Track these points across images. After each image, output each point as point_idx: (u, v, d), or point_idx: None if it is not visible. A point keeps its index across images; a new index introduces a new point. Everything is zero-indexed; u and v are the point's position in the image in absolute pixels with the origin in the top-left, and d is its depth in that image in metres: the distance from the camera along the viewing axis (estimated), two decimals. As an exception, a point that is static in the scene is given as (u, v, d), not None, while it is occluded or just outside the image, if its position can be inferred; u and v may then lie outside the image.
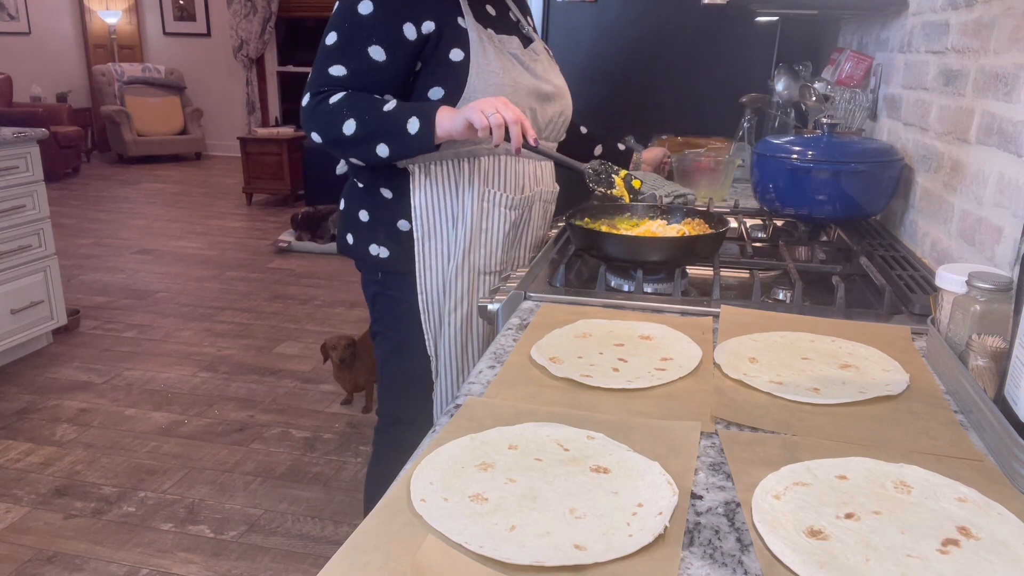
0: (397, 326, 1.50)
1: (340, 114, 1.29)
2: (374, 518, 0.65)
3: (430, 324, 1.46)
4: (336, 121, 1.29)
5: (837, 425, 0.82)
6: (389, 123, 1.28)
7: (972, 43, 1.30)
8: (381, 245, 1.45)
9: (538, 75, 1.44)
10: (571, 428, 0.79)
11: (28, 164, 3.18)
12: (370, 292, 1.53)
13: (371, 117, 1.29)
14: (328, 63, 1.31)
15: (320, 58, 1.32)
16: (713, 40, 2.60)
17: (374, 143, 1.29)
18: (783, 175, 1.54)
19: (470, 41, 1.34)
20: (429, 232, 1.42)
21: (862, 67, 1.90)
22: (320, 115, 1.30)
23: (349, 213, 1.50)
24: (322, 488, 2.43)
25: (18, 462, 2.55)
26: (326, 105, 1.30)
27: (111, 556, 2.09)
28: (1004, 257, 1.11)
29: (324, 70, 1.31)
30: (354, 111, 1.29)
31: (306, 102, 1.32)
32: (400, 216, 1.42)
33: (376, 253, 1.45)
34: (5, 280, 3.11)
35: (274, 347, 3.52)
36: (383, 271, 1.47)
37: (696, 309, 1.16)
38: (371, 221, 1.45)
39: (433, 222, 1.41)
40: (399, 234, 1.43)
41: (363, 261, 1.49)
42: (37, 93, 7.71)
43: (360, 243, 1.47)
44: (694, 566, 0.60)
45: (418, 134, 1.28)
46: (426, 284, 1.44)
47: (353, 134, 1.29)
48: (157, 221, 5.85)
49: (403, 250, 1.43)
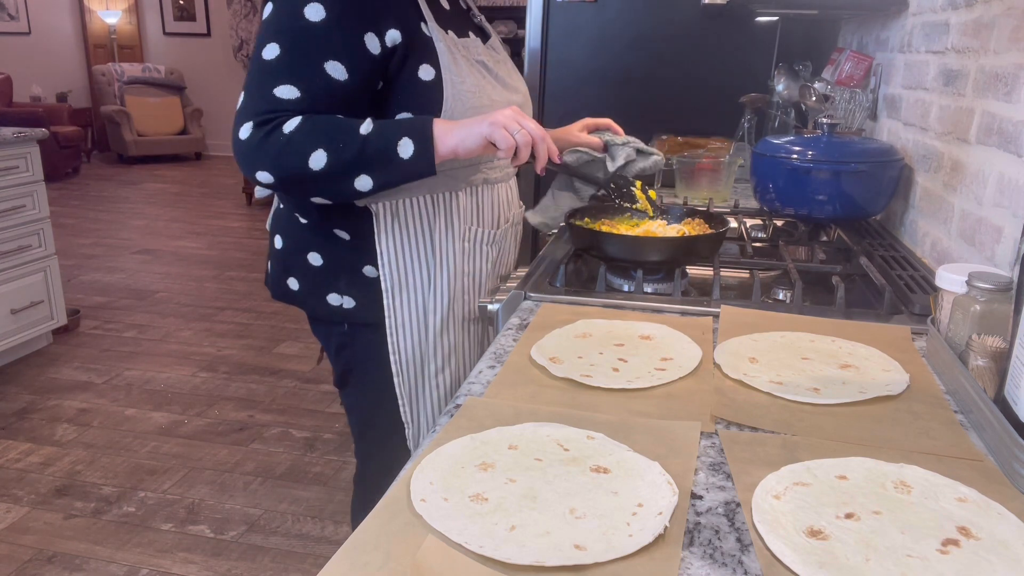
0: (371, 380, 1.27)
1: (302, 144, 1.03)
2: (374, 518, 0.65)
3: (405, 388, 1.24)
4: (297, 154, 1.03)
5: (837, 425, 0.82)
6: (371, 149, 1.05)
7: (972, 43, 1.30)
8: (344, 294, 1.22)
9: (507, 84, 1.27)
10: (571, 428, 0.79)
11: (28, 164, 3.18)
12: (332, 343, 1.29)
13: (347, 145, 1.04)
14: (272, 82, 1.04)
15: (259, 75, 1.05)
16: (713, 40, 2.60)
17: (352, 176, 1.06)
18: (783, 175, 1.54)
19: (439, 54, 1.13)
20: (400, 284, 1.20)
21: (862, 67, 1.90)
22: (272, 148, 1.03)
23: (291, 253, 1.25)
24: (322, 488, 2.43)
25: (18, 462, 2.55)
26: (279, 135, 1.03)
27: (111, 556, 2.09)
28: (1004, 257, 1.11)
29: (267, 91, 1.04)
30: (323, 139, 1.04)
31: (247, 133, 1.04)
32: (364, 261, 1.20)
33: (338, 303, 1.22)
34: (5, 280, 3.11)
35: (274, 347, 3.52)
36: (350, 323, 1.24)
37: (696, 309, 1.16)
38: (326, 266, 1.22)
39: (404, 271, 1.19)
40: (364, 281, 1.21)
41: (319, 311, 1.25)
42: (37, 93, 7.72)
43: (312, 291, 1.24)
44: (694, 566, 0.60)
45: (413, 158, 1.06)
46: (400, 344, 1.22)
47: (323, 168, 1.04)
48: (157, 221, 5.85)
49: (372, 299, 1.21)
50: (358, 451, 1.42)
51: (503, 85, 1.26)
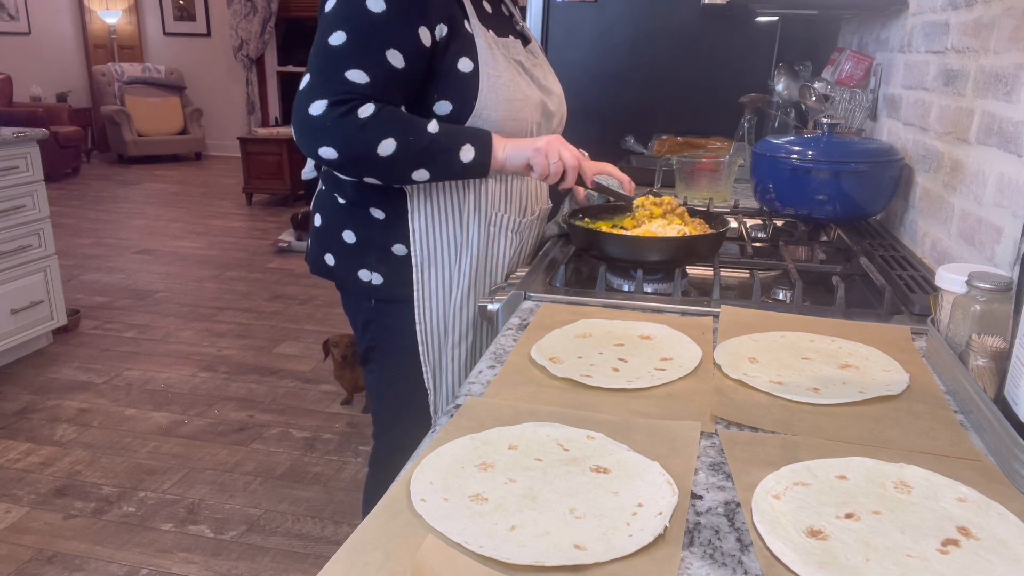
0: (393, 354, 1.37)
1: (376, 131, 1.13)
2: (374, 518, 0.65)
3: (429, 357, 1.35)
4: (369, 138, 1.13)
5: (837, 425, 0.82)
6: (437, 148, 1.17)
7: (972, 43, 1.30)
8: (373, 271, 1.31)
9: (542, 85, 1.36)
10: (571, 428, 0.79)
11: (28, 164, 3.18)
12: (360, 318, 1.39)
13: (416, 139, 1.15)
14: (343, 66, 1.13)
15: (328, 59, 1.14)
16: (713, 40, 2.60)
17: (413, 167, 1.17)
18: (783, 175, 1.54)
19: (478, 49, 1.22)
20: (429, 259, 1.29)
21: (862, 67, 1.90)
22: (345, 128, 1.13)
23: (328, 231, 1.35)
24: (322, 488, 2.43)
25: (18, 462, 2.55)
26: (355, 118, 1.13)
27: (111, 556, 2.09)
28: (1004, 257, 1.11)
29: (339, 74, 1.13)
30: (396, 129, 1.14)
31: (320, 110, 1.13)
32: (395, 240, 1.29)
33: (367, 279, 1.32)
34: (5, 280, 3.11)
35: (274, 347, 3.52)
36: (377, 298, 1.34)
37: (696, 309, 1.16)
38: (359, 243, 1.31)
39: (434, 248, 1.29)
40: (394, 259, 1.30)
41: (350, 286, 1.36)
42: (37, 93, 7.72)
43: (345, 266, 1.34)
44: (694, 566, 0.60)
45: (473, 163, 1.19)
46: (426, 315, 1.32)
47: (390, 155, 1.15)
48: (157, 221, 5.85)
49: (399, 276, 1.30)
50: (377, 431, 1.50)
51: (538, 84, 1.35)
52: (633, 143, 2.48)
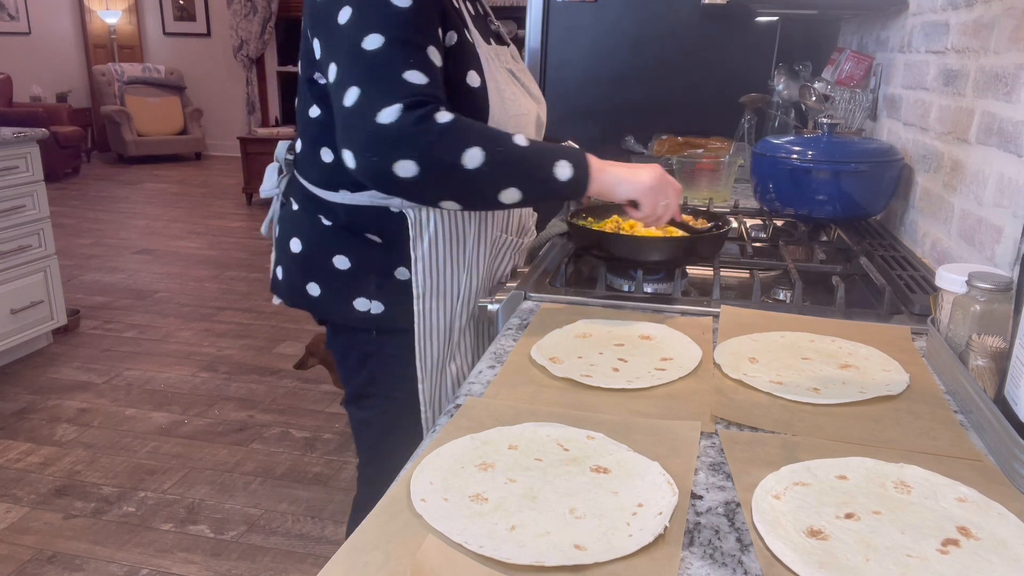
0: (395, 388, 1.22)
1: (459, 139, 0.96)
2: (374, 518, 0.65)
3: (427, 395, 1.21)
4: (452, 147, 0.96)
5: (837, 425, 0.82)
6: (529, 163, 1.01)
7: (972, 43, 1.30)
8: (373, 299, 1.16)
9: (533, 94, 1.25)
10: (571, 428, 0.79)
11: (28, 164, 3.18)
12: (355, 353, 1.22)
13: (504, 149, 0.99)
14: (396, 67, 0.96)
15: (374, 63, 0.96)
16: (713, 40, 2.60)
17: (502, 184, 1.00)
18: (783, 175, 1.54)
19: (481, 61, 1.10)
20: (433, 288, 1.16)
21: (862, 67, 1.90)
22: (425, 136, 0.94)
23: (312, 257, 1.17)
24: (322, 488, 2.43)
25: (18, 462, 2.55)
26: (433, 124, 0.95)
27: (111, 556, 2.09)
28: (1004, 257, 1.11)
29: (396, 76, 0.95)
30: (480, 138, 0.98)
31: (393, 117, 0.93)
32: (398, 263, 1.15)
33: (366, 309, 1.16)
34: (5, 280, 3.11)
35: (274, 347, 3.52)
36: (378, 329, 1.18)
37: (696, 309, 1.16)
38: (356, 269, 1.16)
39: (437, 276, 1.16)
40: (396, 284, 1.16)
41: (342, 318, 1.19)
42: (37, 93, 7.71)
43: (336, 296, 1.17)
44: (694, 566, 0.60)
45: (571, 182, 1.04)
46: (427, 349, 1.18)
47: (477, 168, 0.97)
48: (157, 221, 5.85)
49: (401, 302, 1.16)
50: (364, 475, 1.35)
51: (531, 95, 1.23)
52: (633, 143, 2.48)
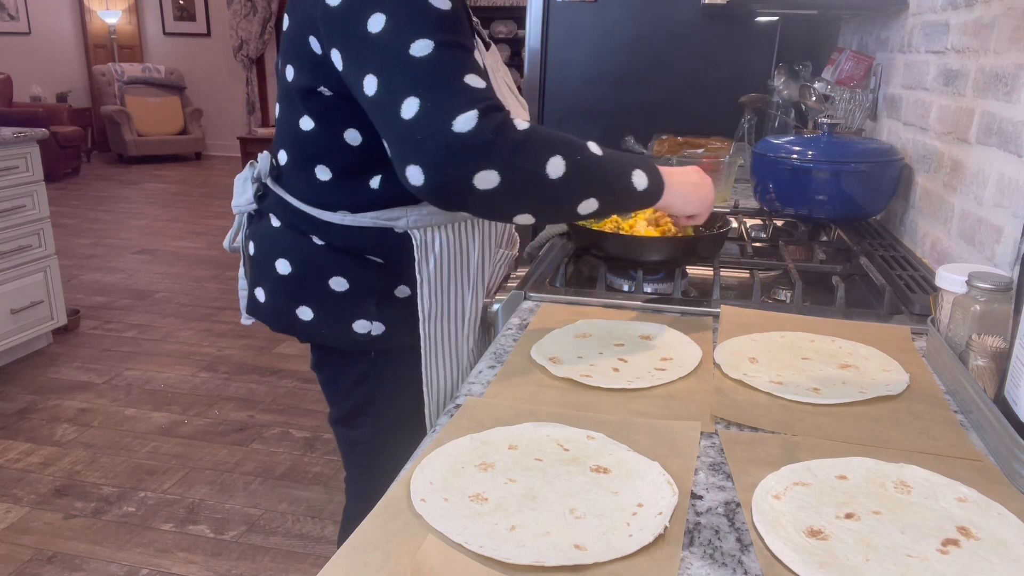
0: (390, 407, 1.18)
1: (540, 146, 0.89)
2: (374, 518, 0.65)
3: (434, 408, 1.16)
4: (535, 155, 0.88)
5: (837, 425, 0.82)
6: (608, 172, 0.96)
7: (972, 43, 1.30)
8: (374, 320, 1.11)
9: (519, 98, 1.21)
10: (571, 428, 0.79)
11: (28, 164, 3.18)
12: (351, 374, 1.17)
13: (584, 159, 0.93)
14: (455, 73, 0.87)
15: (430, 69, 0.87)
16: (713, 40, 2.61)
17: (584, 194, 0.94)
18: (783, 175, 1.54)
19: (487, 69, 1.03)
20: (439, 309, 1.11)
21: (862, 67, 1.90)
22: (507, 144, 0.86)
23: (303, 280, 1.11)
24: (322, 488, 2.43)
25: (18, 462, 2.55)
26: (513, 131, 0.87)
27: (111, 556, 2.09)
28: (1004, 257, 1.11)
29: (459, 82, 0.87)
30: (559, 146, 0.91)
31: (471, 124, 0.84)
32: (397, 282, 1.11)
33: (366, 331, 1.11)
34: (5, 280, 3.11)
35: (274, 347, 3.52)
36: (377, 350, 1.14)
37: (696, 309, 1.16)
38: (354, 291, 1.10)
39: (443, 297, 1.12)
40: (396, 303, 1.11)
41: (337, 341, 1.14)
42: (37, 93, 7.71)
43: (333, 320, 1.11)
44: (694, 566, 0.60)
45: (647, 192, 1.00)
46: (434, 372, 1.14)
47: (560, 177, 0.90)
48: (157, 221, 5.85)
49: (401, 321, 1.11)
50: (355, 491, 1.31)
51: (515, 95, 1.20)
52: (633, 143, 2.48)
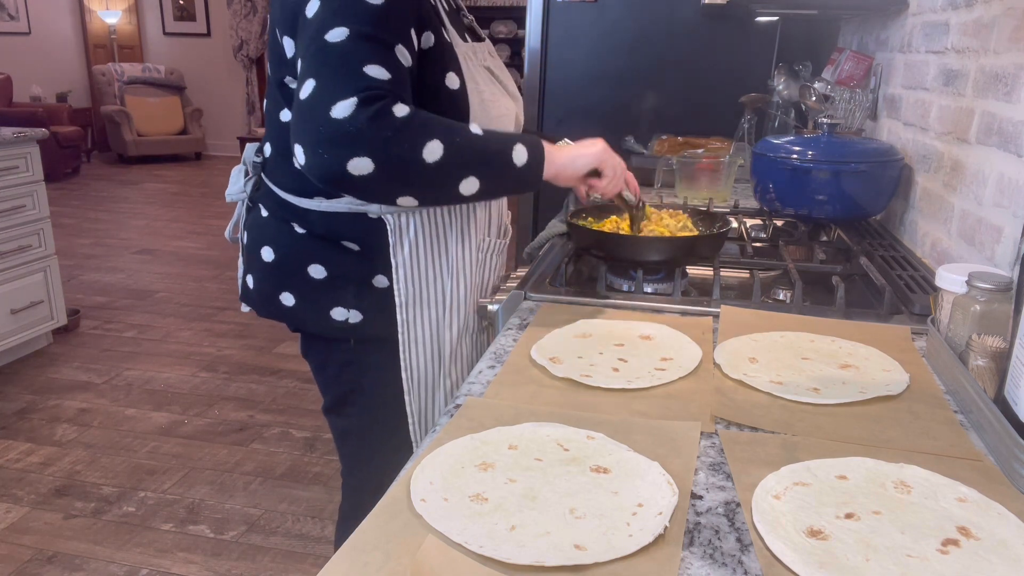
0: (376, 398, 1.20)
1: (417, 133, 0.92)
2: (374, 518, 0.65)
3: (416, 406, 1.18)
4: (411, 142, 0.92)
5: (837, 425, 0.82)
6: (488, 151, 0.99)
7: (972, 43, 1.30)
8: (351, 308, 1.12)
9: (512, 92, 1.21)
10: (571, 428, 0.79)
11: (28, 164, 3.17)
12: (333, 362, 1.20)
13: (463, 140, 0.96)
14: (357, 61, 0.91)
15: (336, 56, 0.91)
16: (713, 40, 2.60)
17: (462, 175, 0.97)
18: (783, 175, 1.54)
19: (460, 61, 1.07)
20: (416, 297, 1.12)
21: (862, 67, 1.90)
22: (382, 131, 0.90)
23: (286, 266, 1.14)
24: (322, 488, 2.43)
25: (18, 462, 2.55)
26: (391, 119, 0.90)
27: (111, 556, 2.09)
28: (1004, 257, 1.11)
29: (357, 69, 0.91)
30: (438, 131, 0.94)
31: (347, 112, 0.88)
32: (375, 271, 1.12)
33: (343, 318, 1.13)
34: (5, 280, 3.11)
35: (274, 347, 3.52)
36: (357, 339, 1.15)
37: (696, 309, 1.16)
38: (332, 279, 1.12)
39: (420, 284, 1.12)
40: (375, 293, 1.12)
41: (317, 327, 1.16)
42: (37, 93, 7.71)
43: (312, 306, 1.14)
44: (694, 566, 0.60)
45: (526, 167, 1.02)
46: (413, 360, 1.15)
47: (437, 161, 0.93)
48: (157, 221, 5.85)
49: (379, 311, 1.12)
50: (349, 483, 1.32)
51: (507, 92, 1.20)
52: (633, 143, 2.48)
